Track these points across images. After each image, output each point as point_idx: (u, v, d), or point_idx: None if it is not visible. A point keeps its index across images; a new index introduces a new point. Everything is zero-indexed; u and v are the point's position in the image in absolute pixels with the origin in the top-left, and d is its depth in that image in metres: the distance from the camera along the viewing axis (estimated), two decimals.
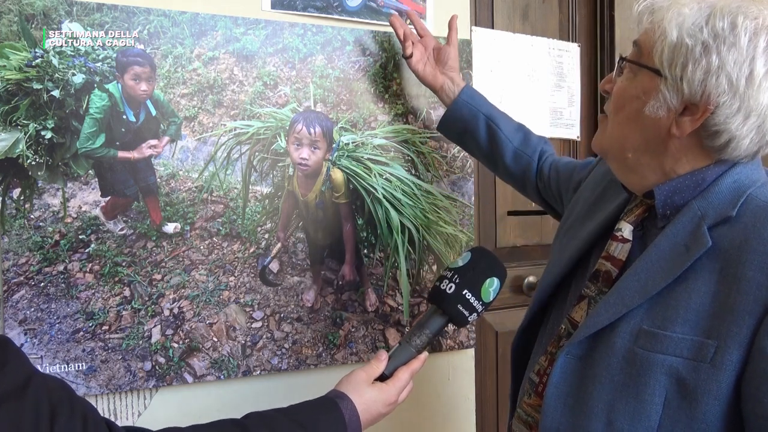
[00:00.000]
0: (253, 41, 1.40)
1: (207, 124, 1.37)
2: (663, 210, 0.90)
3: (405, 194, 1.55)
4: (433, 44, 1.44)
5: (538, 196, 1.38)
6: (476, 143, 1.38)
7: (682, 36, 0.82)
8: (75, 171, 1.26)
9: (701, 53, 0.81)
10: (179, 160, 1.35)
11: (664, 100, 0.85)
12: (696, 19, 0.82)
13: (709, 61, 0.80)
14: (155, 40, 1.31)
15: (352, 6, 1.51)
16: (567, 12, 2.01)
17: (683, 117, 0.85)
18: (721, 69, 0.80)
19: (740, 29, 0.80)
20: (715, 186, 0.87)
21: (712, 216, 0.85)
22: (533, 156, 1.35)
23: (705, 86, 0.81)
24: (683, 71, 0.82)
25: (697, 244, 0.83)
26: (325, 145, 1.47)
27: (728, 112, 0.82)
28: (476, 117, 1.36)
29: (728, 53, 0.80)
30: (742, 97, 0.81)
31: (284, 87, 1.43)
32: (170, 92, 1.33)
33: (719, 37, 0.80)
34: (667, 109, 0.85)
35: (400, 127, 1.56)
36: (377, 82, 1.53)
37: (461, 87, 1.38)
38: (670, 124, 0.86)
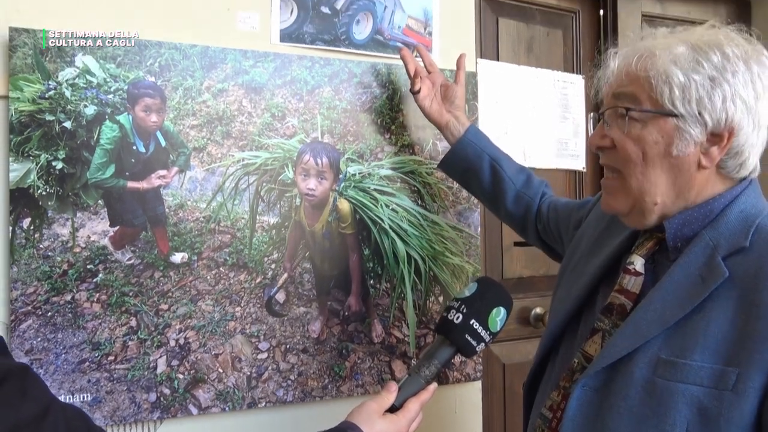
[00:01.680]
0: (262, 73, 1.43)
1: (215, 154, 1.39)
2: (674, 242, 0.93)
3: (411, 225, 1.56)
4: (440, 81, 1.47)
5: (538, 237, 1.39)
6: (479, 183, 1.40)
7: (687, 74, 0.87)
8: (85, 201, 1.29)
9: (711, 86, 0.86)
10: (188, 190, 1.37)
11: (690, 136, 0.88)
12: (689, 57, 0.87)
13: (723, 90, 0.86)
14: (166, 72, 1.35)
15: (360, 39, 1.55)
16: (571, 45, 2.05)
17: (711, 146, 0.89)
18: (736, 94, 0.86)
19: (733, 57, 0.86)
20: (723, 216, 0.90)
21: (725, 246, 0.87)
22: (534, 198, 1.37)
23: (726, 113, 0.86)
24: (700, 105, 0.87)
25: (714, 275, 0.86)
26: (332, 176, 1.49)
27: (748, 130, 0.88)
28: (481, 157, 1.38)
29: (735, 79, 0.86)
30: (754, 114, 0.87)
31: (292, 118, 1.46)
32: (180, 123, 1.36)
33: (720, 68, 0.86)
34: (693, 143, 0.89)
35: (406, 158, 1.58)
36: (384, 114, 1.56)
37: (466, 126, 1.41)
38: (698, 157, 0.89)
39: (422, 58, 1.50)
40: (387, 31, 1.58)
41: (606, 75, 0.97)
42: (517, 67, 1.88)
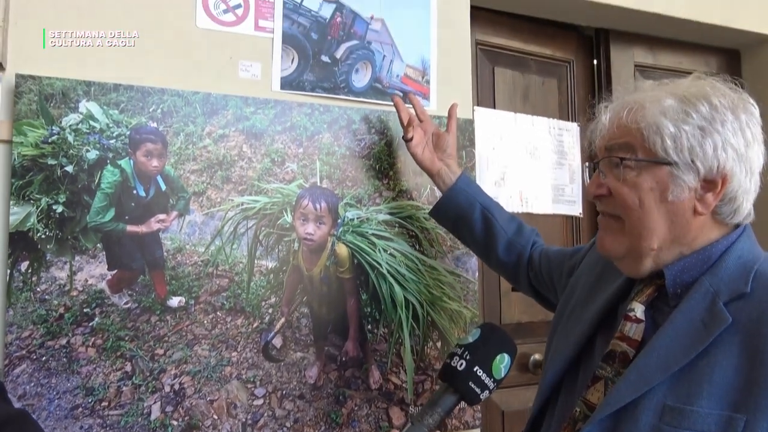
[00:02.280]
0: (263, 120, 1.46)
1: (215, 199, 1.41)
2: (674, 289, 0.93)
3: (409, 269, 1.57)
4: (432, 129, 1.49)
5: (530, 286, 1.39)
6: (470, 231, 1.41)
7: (677, 125, 0.90)
8: (84, 244, 1.29)
9: (702, 135, 0.89)
10: (186, 234, 1.38)
11: (684, 183, 0.91)
12: (678, 108, 0.90)
13: (713, 139, 0.89)
14: (168, 118, 1.37)
15: (359, 87, 1.58)
16: (566, 93, 2.09)
17: (705, 193, 0.91)
18: (726, 142, 0.89)
19: (720, 108, 0.90)
20: (722, 262, 0.91)
21: (725, 292, 0.88)
22: (526, 246, 1.38)
23: (718, 160, 0.89)
24: (692, 154, 0.89)
25: (717, 321, 0.86)
26: (330, 221, 1.50)
27: (741, 176, 0.90)
28: (472, 205, 1.40)
29: (724, 128, 0.89)
30: (745, 160, 0.90)
31: (291, 164, 1.48)
32: (180, 168, 1.38)
33: (708, 118, 0.89)
34: (688, 190, 0.91)
35: (404, 204, 1.60)
36: (382, 160, 1.58)
37: (458, 174, 1.43)
38: (693, 204, 0.92)
39: (414, 106, 1.53)
40: (386, 79, 1.61)
41: (598, 128, 1.00)
42: (513, 114, 1.91)
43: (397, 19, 1.63)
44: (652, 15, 2.02)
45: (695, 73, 0.99)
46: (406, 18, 1.65)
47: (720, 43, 2.29)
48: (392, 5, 1.63)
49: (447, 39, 1.70)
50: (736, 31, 2.17)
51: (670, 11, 2.03)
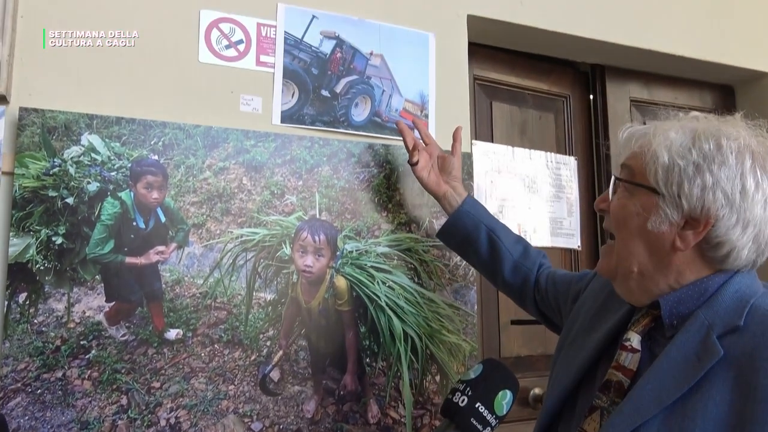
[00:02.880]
0: (263, 153, 1.47)
1: (214, 231, 1.41)
2: (669, 320, 0.93)
3: (408, 302, 1.56)
4: (437, 152, 1.50)
5: (536, 308, 1.39)
6: (477, 253, 1.42)
7: (673, 158, 0.90)
8: (82, 276, 1.29)
9: (694, 172, 0.88)
10: (185, 266, 1.38)
11: (665, 215, 0.91)
12: (683, 142, 0.90)
13: (704, 179, 0.88)
14: (169, 150, 1.38)
15: (358, 121, 1.60)
16: (563, 127, 2.12)
17: (686, 231, 0.90)
18: (717, 185, 0.87)
19: (726, 149, 0.88)
20: (719, 296, 0.90)
21: (720, 325, 0.87)
22: (532, 268, 1.38)
23: (704, 202, 0.88)
24: (680, 189, 0.89)
25: (709, 354, 0.85)
26: (329, 253, 1.50)
27: (728, 224, 0.88)
28: (478, 227, 1.40)
29: (720, 171, 0.88)
30: (738, 209, 0.87)
31: (291, 196, 1.49)
32: (181, 200, 1.38)
33: (708, 157, 0.88)
34: (669, 223, 0.91)
35: (403, 236, 1.60)
36: (381, 193, 1.59)
37: (464, 197, 1.44)
38: (673, 238, 0.91)
39: (419, 130, 1.54)
40: (385, 113, 1.63)
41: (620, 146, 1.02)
42: (511, 148, 1.93)
43: (396, 55, 1.66)
44: (647, 51, 2.05)
45: (742, 112, 0.97)
46: (405, 54, 1.67)
47: (714, 79, 2.32)
48: (391, 41, 1.66)
49: (445, 74, 1.72)
50: (730, 67, 2.20)
51: (664, 48, 2.06)
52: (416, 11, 1.71)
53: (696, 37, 2.13)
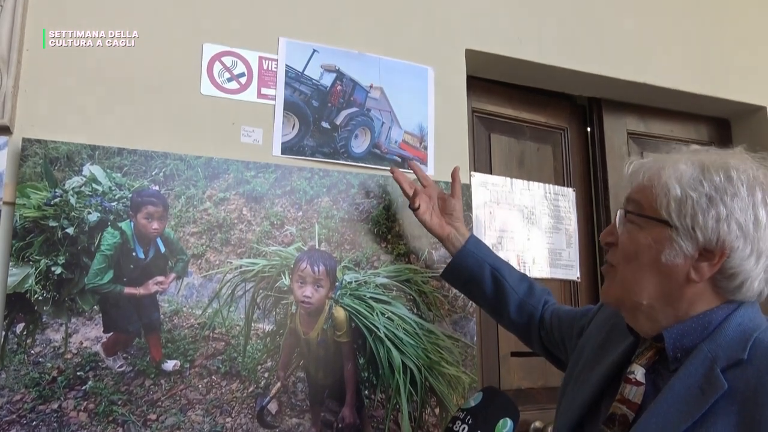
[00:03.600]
0: (263, 183, 1.48)
1: (214, 261, 1.41)
2: (674, 353, 0.93)
3: (407, 333, 1.55)
4: (436, 193, 1.51)
5: (542, 346, 1.38)
6: (482, 292, 1.41)
7: (685, 190, 0.90)
8: (80, 306, 1.28)
9: (708, 204, 0.89)
10: (184, 296, 1.37)
11: (680, 248, 0.91)
12: (693, 174, 0.91)
13: (718, 210, 0.88)
14: (170, 181, 1.39)
15: (358, 153, 1.61)
16: (561, 159, 2.13)
17: (701, 262, 0.90)
18: (731, 216, 0.88)
19: (736, 181, 0.89)
20: (722, 329, 0.90)
21: (723, 359, 0.87)
22: (537, 306, 1.38)
23: (719, 233, 0.88)
24: (694, 221, 0.89)
25: (713, 387, 0.85)
26: (328, 284, 1.50)
27: (743, 255, 0.88)
28: (482, 267, 1.40)
29: (732, 202, 0.88)
30: (753, 240, 0.88)
31: (290, 227, 1.49)
32: (180, 230, 1.39)
33: (720, 189, 0.89)
34: (683, 256, 0.91)
35: (402, 267, 1.60)
36: (380, 223, 1.59)
37: (466, 237, 1.44)
38: (687, 270, 0.91)
39: (416, 173, 1.55)
40: (384, 145, 1.64)
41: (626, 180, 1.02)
42: (509, 179, 1.94)
43: (396, 88, 1.68)
44: (643, 85, 2.08)
45: (743, 145, 0.98)
46: (405, 87, 1.70)
47: (710, 112, 2.35)
48: (391, 75, 1.68)
49: (444, 107, 1.74)
50: (725, 101, 2.23)
51: (660, 82, 2.09)
52: (416, 46, 1.74)
53: (691, 71, 2.16)
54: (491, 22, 1.87)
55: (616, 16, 2.08)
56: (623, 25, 2.08)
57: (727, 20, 2.30)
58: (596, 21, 2.04)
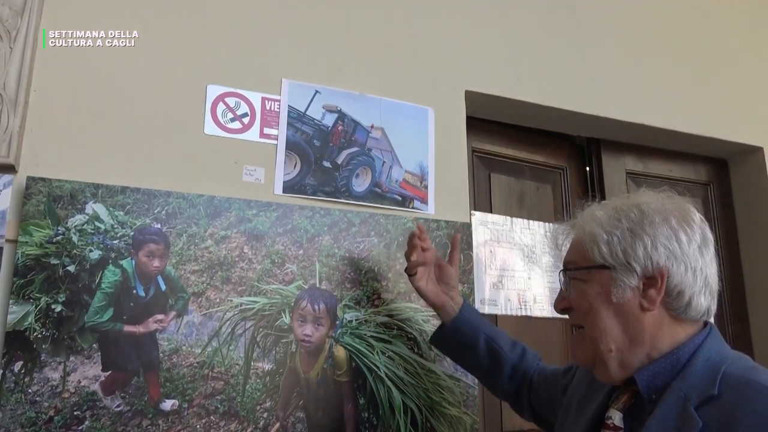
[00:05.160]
0: (264, 222, 1.48)
1: (214, 299, 1.40)
2: (648, 394, 0.94)
3: (408, 373, 1.53)
4: (434, 259, 1.46)
5: (531, 409, 1.36)
6: (475, 359, 1.39)
7: (608, 231, 0.98)
8: (79, 344, 1.28)
9: (632, 237, 0.96)
10: (184, 335, 1.36)
11: (624, 283, 0.96)
12: (610, 216, 0.99)
13: (643, 240, 0.95)
14: (172, 219, 1.40)
15: (359, 191, 1.62)
16: (561, 198, 2.14)
17: (648, 290, 0.95)
18: (656, 241, 0.95)
19: (649, 212, 0.97)
20: (691, 366, 0.92)
21: (695, 396, 0.88)
22: (528, 370, 1.37)
23: (651, 259, 0.95)
24: (626, 255, 0.96)
25: (688, 426, 0.86)
26: (328, 322, 1.49)
27: (680, 271, 0.94)
28: (477, 334, 1.38)
29: (652, 229, 0.96)
30: (683, 258, 0.95)
31: (291, 265, 1.49)
32: (181, 268, 1.39)
33: (637, 222, 0.97)
34: (630, 289, 0.96)
35: (402, 306, 1.59)
36: (381, 262, 1.59)
37: (460, 305, 1.42)
38: (638, 300, 0.96)
39: (419, 235, 1.46)
40: (385, 184, 1.66)
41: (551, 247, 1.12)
42: (510, 218, 1.95)
43: (396, 128, 1.70)
44: (641, 126, 2.10)
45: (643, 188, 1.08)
46: (406, 127, 1.72)
47: (708, 152, 2.37)
48: (392, 115, 1.70)
49: (444, 146, 1.76)
50: (722, 141, 2.25)
51: (658, 123, 2.12)
52: (416, 87, 1.77)
53: (689, 112, 2.19)
54: (490, 64, 1.90)
55: (614, 57, 2.12)
56: (621, 67, 2.12)
57: (724, 62, 2.34)
58: (594, 62, 2.08)
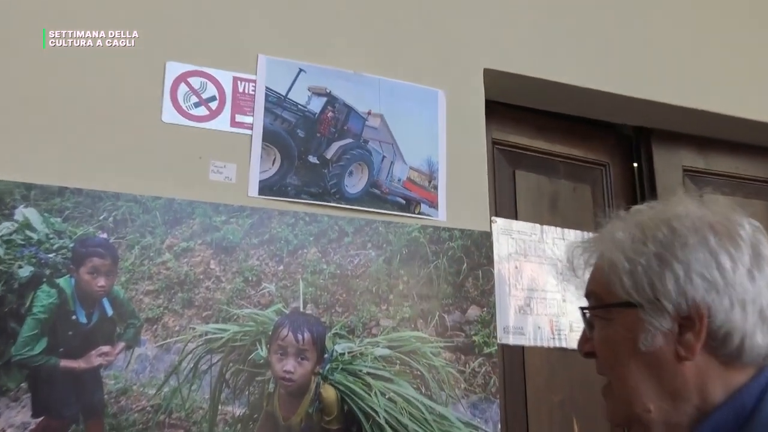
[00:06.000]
0: (236, 231, 1.47)
1: (173, 327, 1.39)
2: None
3: (413, 419, 1.52)
4: None
5: None
6: None
7: (631, 258, 0.93)
8: (5, 384, 1.26)
9: (659, 265, 0.91)
10: (134, 371, 1.35)
11: (654, 327, 0.91)
12: (633, 238, 0.94)
13: (673, 268, 0.90)
14: (121, 228, 1.38)
15: (353, 193, 1.61)
16: (602, 202, 2.13)
17: (684, 335, 0.90)
18: (689, 270, 0.89)
19: (680, 228, 0.92)
20: (759, 412, 0.89)
21: None
22: None
23: (686, 294, 0.89)
24: (653, 290, 0.91)
25: None
26: (314, 356, 1.48)
27: (724, 308, 0.88)
28: None
29: (684, 254, 0.90)
30: (725, 289, 0.89)
31: (269, 284, 1.48)
32: (132, 288, 1.37)
33: (666, 244, 0.92)
34: (662, 335, 0.91)
35: (407, 335, 1.58)
36: (380, 280, 1.58)
37: None
38: (674, 349, 0.91)
39: None
40: (385, 184, 1.64)
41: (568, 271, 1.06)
42: (539, 226, 1.93)
43: (399, 114, 1.69)
44: (702, 113, 2.09)
45: (680, 192, 1.03)
46: (410, 113, 1.71)
47: None
48: (393, 99, 1.69)
49: (458, 138, 1.75)
50: None
51: (722, 108, 2.10)
52: (423, 64, 1.76)
53: (762, 96, 2.17)
54: (515, 36, 1.89)
55: (670, 29, 2.11)
56: (679, 41, 2.11)
57: None
58: (645, 34, 2.07)
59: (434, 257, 1.64)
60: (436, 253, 1.64)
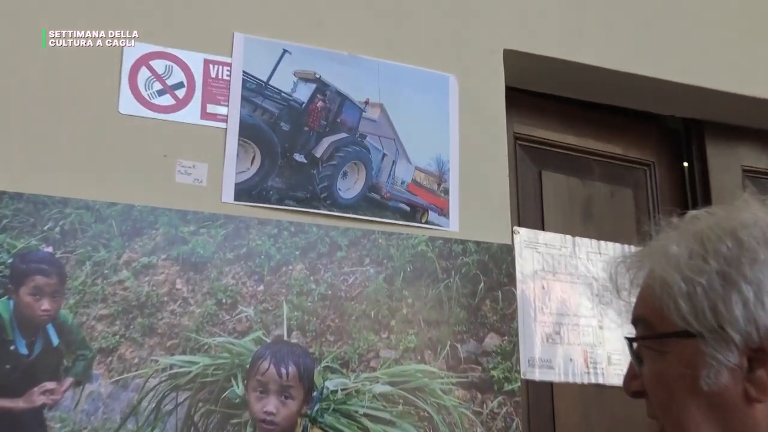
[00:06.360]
0: (207, 243, 1.47)
1: (131, 359, 1.39)
2: None
3: None
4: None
5: None
6: None
7: (689, 278, 0.90)
8: None
9: (723, 286, 0.88)
10: (85, 412, 1.35)
11: (718, 361, 0.89)
12: (692, 252, 0.92)
13: (740, 290, 0.87)
14: (70, 240, 1.38)
15: (347, 198, 1.61)
16: (646, 208, 2.13)
17: (755, 371, 0.88)
18: (760, 291, 0.87)
19: (749, 241, 0.89)
20: None
21: None
22: None
23: (756, 322, 0.87)
24: (717, 316, 0.88)
25: None
26: (301, 394, 1.47)
27: None
28: None
29: (754, 272, 0.88)
30: None
31: (246, 308, 1.48)
32: (83, 313, 1.37)
33: (732, 260, 0.89)
34: (728, 370, 0.89)
35: (412, 368, 1.57)
36: (380, 303, 1.58)
37: None
38: (742, 388, 0.89)
39: None
40: (385, 187, 1.64)
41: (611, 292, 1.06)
42: (570, 238, 1.93)
43: (402, 104, 1.70)
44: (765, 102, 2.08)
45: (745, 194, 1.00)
46: (416, 103, 1.71)
47: None
48: (397, 86, 1.70)
49: (473, 131, 1.75)
50: None
51: None
52: (432, 45, 1.76)
53: None
54: (541, 12, 1.90)
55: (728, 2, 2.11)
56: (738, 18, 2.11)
57: None
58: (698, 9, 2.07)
59: (445, 275, 1.64)
60: (446, 271, 1.64)
